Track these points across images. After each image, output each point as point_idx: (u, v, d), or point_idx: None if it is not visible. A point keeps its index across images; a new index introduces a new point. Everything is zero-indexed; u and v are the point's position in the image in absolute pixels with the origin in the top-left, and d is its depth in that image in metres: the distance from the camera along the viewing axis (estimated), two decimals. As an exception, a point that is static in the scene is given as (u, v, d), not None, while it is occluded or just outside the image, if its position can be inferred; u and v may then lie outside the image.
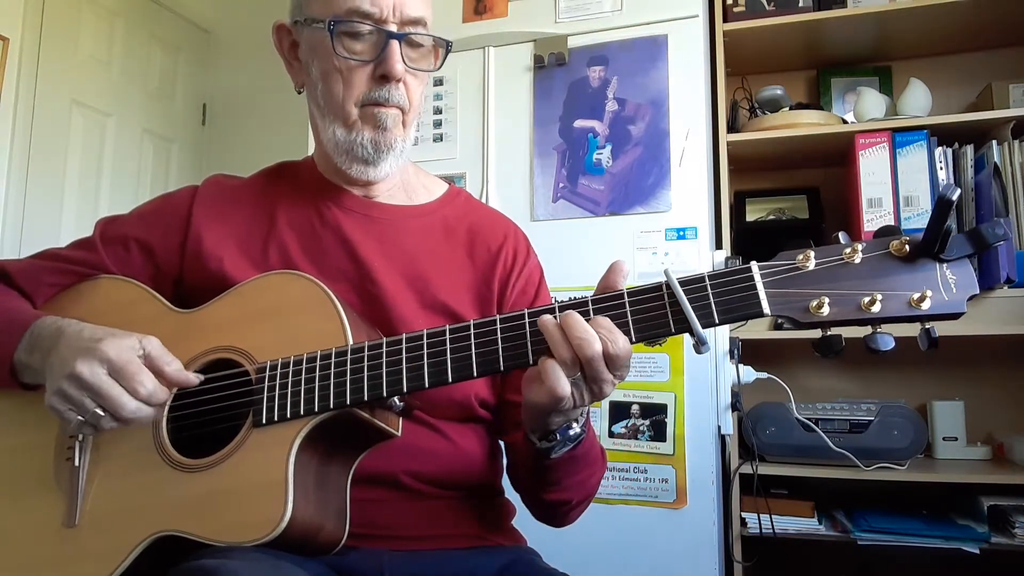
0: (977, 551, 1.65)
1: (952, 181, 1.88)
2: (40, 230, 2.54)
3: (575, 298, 0.74)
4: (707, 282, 0.71)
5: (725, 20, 2.06)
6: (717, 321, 0.70)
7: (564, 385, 0.71)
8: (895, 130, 1.90)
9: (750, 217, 2.09)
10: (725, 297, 0.70)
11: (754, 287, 0.70)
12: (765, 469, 1.81)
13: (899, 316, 0.67)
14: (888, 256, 0.68)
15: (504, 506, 1.00)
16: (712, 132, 1.99)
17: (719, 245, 1.94)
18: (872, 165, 1.90)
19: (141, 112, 2.99)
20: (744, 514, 1.80)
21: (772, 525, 1.76)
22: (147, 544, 0.76)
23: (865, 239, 0.70)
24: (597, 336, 0.70)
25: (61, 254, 0.97)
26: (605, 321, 0.71)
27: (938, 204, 0.64)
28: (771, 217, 2.09)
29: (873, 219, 1.88)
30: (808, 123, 2.00)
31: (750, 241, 2.01)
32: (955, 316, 0.67)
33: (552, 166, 1.93)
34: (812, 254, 0.69)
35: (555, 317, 0.72)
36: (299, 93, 0.99)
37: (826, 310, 0.68)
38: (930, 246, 0.66)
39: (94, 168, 2.81)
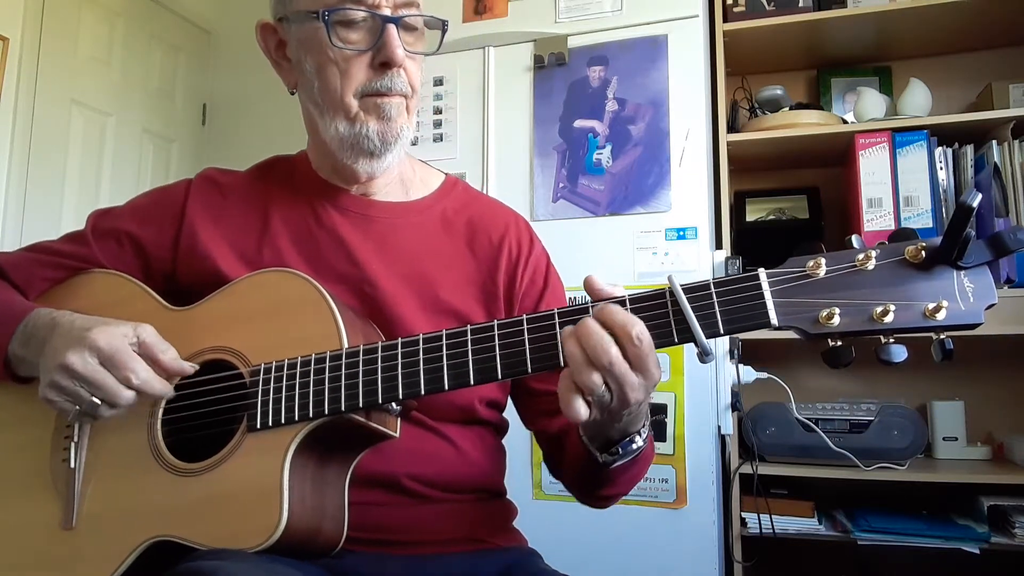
0: (977, 551, 1.65)
1: (952, 181, 1.88)
2: (40, 230, 2.53)
3: (574, 299, 0.72)
4: (712, 289, 0.67)
5: (725, 20, 2.06)
6: (722, 331, 0.67)
7: (582, 411, 0.66)
8: (895, 130, 1.90)
9: (750, 217, 2.09)
10: (731, 306, 0.66)
11: (761, 296, 0.66)
12: (765, 469, 1.81)
13: (913, 327, 0.64)
14: (903, 263, 0.65)
15: (506, 507, 0.99)
16: (712, 132, 1.99)
17: (719, 245, 1.94)
18: (872, 165, 1.90)
19: (141, 112, 2.99)
20: (744, 514, 1.80)
21: (772, 525, 1.76)
22: (143, 548, 0.76)
23: (877, 241, 0.66)
24: (607, 337, 0.64)
25: (53, 247, 0.96)
26: (613, 311, 0.66)
27: (958, 210, 0.60)
28: (771, 217, 2.09)
29: (873, 219, 1.88)
30: (808, 123, 2.00)
31: (750, 241, 2.01)
32: (971, 327, 0.64)
33: (552, 166, 1.93)
34: (823, 261, 0.65)
35: (568, 325, 0.67)
36: (292, 94, 0.95)
37: (836, 321, 0.64)
38: (948, 253, 0.63)
39: (94, 168, 2.81)
